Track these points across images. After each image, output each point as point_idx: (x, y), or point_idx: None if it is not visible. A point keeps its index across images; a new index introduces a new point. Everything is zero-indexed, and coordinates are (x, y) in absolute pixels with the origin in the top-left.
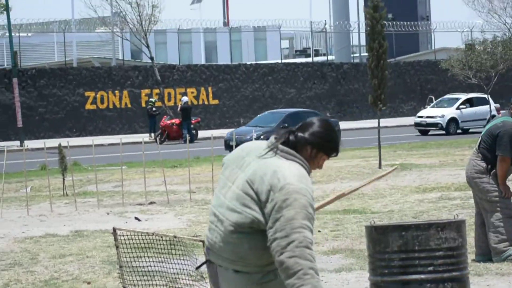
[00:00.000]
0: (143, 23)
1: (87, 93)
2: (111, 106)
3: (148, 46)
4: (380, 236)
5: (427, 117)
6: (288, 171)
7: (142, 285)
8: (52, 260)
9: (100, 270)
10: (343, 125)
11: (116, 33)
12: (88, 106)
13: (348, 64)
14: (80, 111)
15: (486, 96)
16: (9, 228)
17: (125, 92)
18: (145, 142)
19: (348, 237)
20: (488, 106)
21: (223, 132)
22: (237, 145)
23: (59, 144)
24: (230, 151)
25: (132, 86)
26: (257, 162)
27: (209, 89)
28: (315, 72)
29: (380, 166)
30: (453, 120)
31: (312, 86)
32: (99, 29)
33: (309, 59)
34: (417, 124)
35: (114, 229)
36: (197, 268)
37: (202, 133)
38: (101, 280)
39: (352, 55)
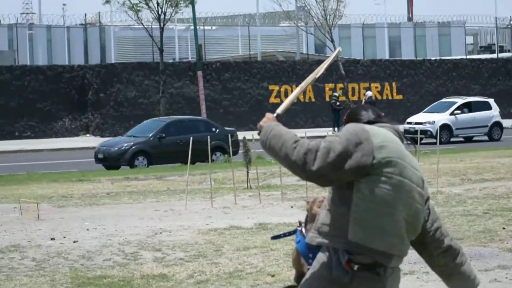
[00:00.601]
0: (328, 17)
1: (271, 87)
2: (295, 100)
3: (332, 41)
4: None
5: (416, 123)
6: None
7: None
8: (236, 252)
9: (284, 263)
10: None
11: (300, 27)
12: (272, 100)
13: None
14: (264, 104)
15: (488, 100)
16: (194, 219)
17: (309, 86)
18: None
19: None
20: (490, 111)
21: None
22: (104, 158)
23: (244, 137)
24: (104, 164)
25: (316, 80)
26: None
27: (393, 84)
28: (500, 68)
29: None
30: (445, 127)
31: (496, 83)
32: (283, 23)
33: (494, 55)
34: (406, 131)
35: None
36: (362, 269)
37: None
38: (285, 273)
39: None
